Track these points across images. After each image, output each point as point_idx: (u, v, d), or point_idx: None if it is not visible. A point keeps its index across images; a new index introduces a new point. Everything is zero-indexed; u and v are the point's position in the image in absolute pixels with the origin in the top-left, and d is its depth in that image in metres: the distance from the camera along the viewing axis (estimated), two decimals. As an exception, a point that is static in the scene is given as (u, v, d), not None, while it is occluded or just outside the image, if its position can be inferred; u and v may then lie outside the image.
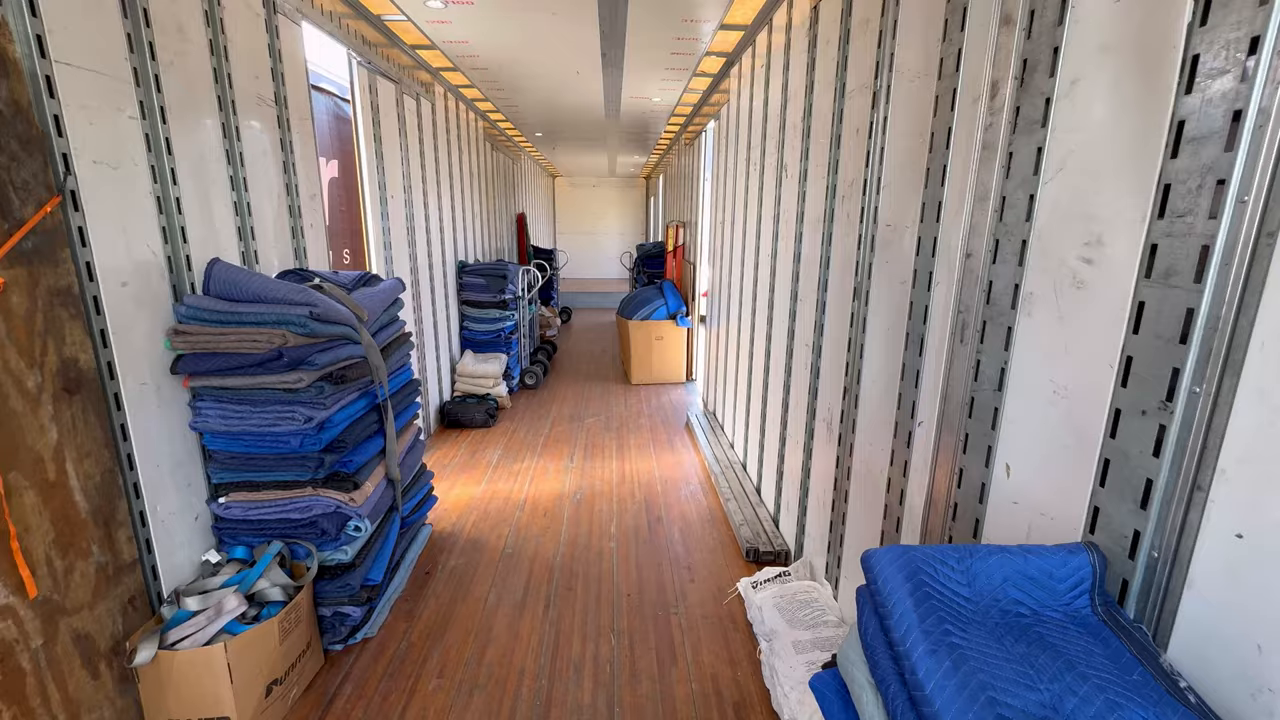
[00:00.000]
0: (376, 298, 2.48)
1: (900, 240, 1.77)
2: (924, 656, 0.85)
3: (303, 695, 2.02)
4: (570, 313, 10.33)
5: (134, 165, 1.76)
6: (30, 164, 1.42)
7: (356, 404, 2.27)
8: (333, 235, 3.87)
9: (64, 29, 1.53)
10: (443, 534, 3.11)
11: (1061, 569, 0.98)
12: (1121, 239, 1.01)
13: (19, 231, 1.38)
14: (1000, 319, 1.29)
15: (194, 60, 2.01)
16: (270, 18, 2.48)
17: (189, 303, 1.87)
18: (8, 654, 1.35)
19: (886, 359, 1.85)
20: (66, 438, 1.51)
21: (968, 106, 1.43)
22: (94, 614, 1.58)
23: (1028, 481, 1.22)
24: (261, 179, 2.39)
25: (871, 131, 1.95)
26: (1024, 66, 1.24)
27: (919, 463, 1.64)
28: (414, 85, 4.27)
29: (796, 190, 2.75)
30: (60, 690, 1.47)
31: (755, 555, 2.84)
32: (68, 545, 1.50)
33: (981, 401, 1.35)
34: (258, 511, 2.03)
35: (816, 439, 2.52)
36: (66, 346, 1.51)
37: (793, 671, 1.90)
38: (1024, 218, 1.23)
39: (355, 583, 2.18)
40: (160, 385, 1.85)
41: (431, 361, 4.59)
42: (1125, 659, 0.86)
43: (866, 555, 1.04)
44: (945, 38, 1.52)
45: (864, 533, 2.02)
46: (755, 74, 3.57)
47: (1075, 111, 1.11)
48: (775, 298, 3.14)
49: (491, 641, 2.30)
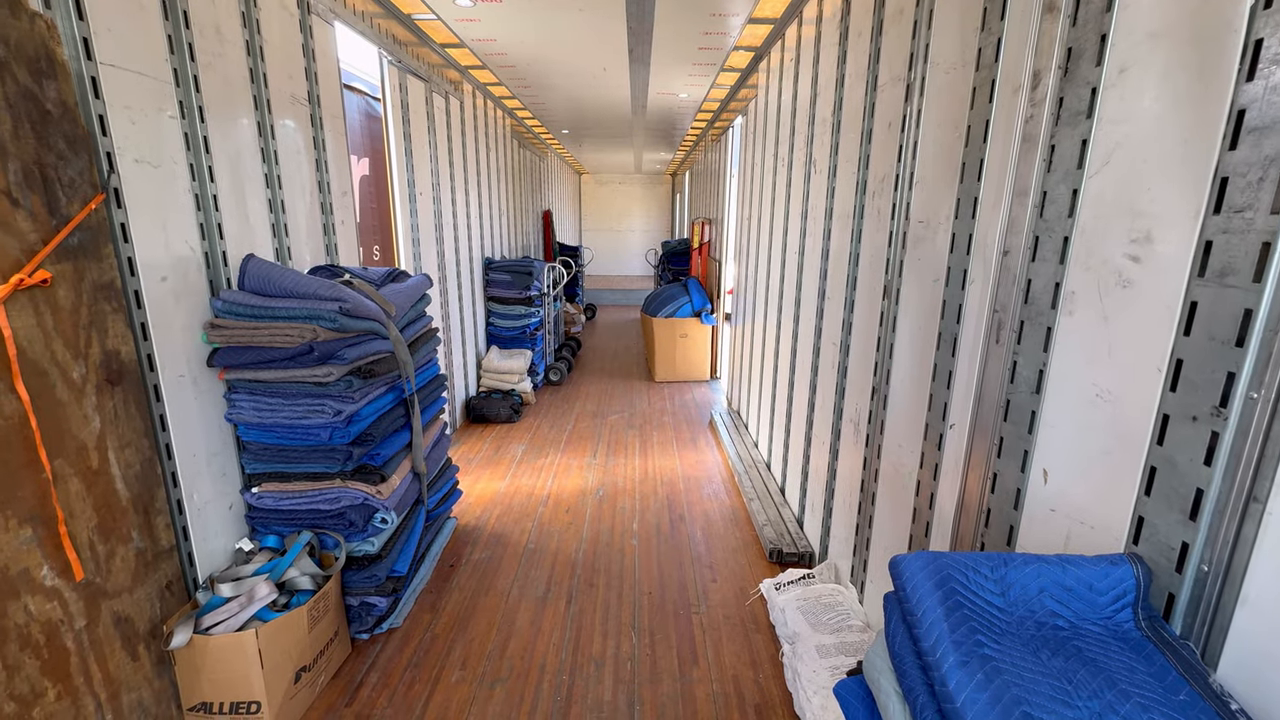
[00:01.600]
0: (404, 293, 2.51)
1: (933, 237, 1.72)
2: (955, 668, 0.82)
3: (330, 682, 2.06)
4: (595, 309, 10.36)
5: (174, 163, 1.81)
6: (76, 162, 1.47)
7: (384, 398, 2.30)
8: (363, 232, 3.94)
9: (108, 31, 1.58)
10: (467, 527, 3.14)
11: (1102, 580, 0.94)
12: (1172, 235, 0.96)
13: (66, 228, 1.43)
14: (1039, 319, 1.24)
15: (231, 60, 2.06)
16: (304, 18, 2.52)
17: (225, 297, 1.92)
18: (53, 634, 1.40)
19: (917, 359, 1.80)
20: (109, 427, 1.56)
21: (1007, 98, 1.37)
22: (133, 598, 1.63)
23: (1067, 488, 1.17)
24: (295, 176, 2.44)
25: (905, 125, 1.90)
26: (1068, 55, 1.18)
27: (950, 466, 1.59)
28: (443, 83, 4.32)
29: (825, 186, 2.69)
30: (101, 670, 1.53)
31: (779, 556, 2.81)
32: (109, 531, 1.56)
33: (1018, 404, 1.30)
34: (289, 502, 2.08)
35: (843, 440, 2.47)
36: (109, 339, 1.56)
37: (816, 676, 1.87)
38: (1066, 213, 1.18)
39: (381, 574, 2.22)
40: (197, 377, 1.90)
41: (458, 357, 4.65)
42: (1171, 677, 0.82)
43: (895, 561, 1.01)
44: (984, 27, 1.47)
45: (891, 537, 1.97)
46: (784, 68, 3.51)
47: (1123, 101, 1.06)
48: (802, 295, 3.09)
49: (514, 635, 2.32)
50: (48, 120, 1.40)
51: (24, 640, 1.33)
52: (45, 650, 1.38)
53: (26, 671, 1.34)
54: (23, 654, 1.33)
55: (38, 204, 1.38)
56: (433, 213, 4.13)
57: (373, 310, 2.17)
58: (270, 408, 1.99)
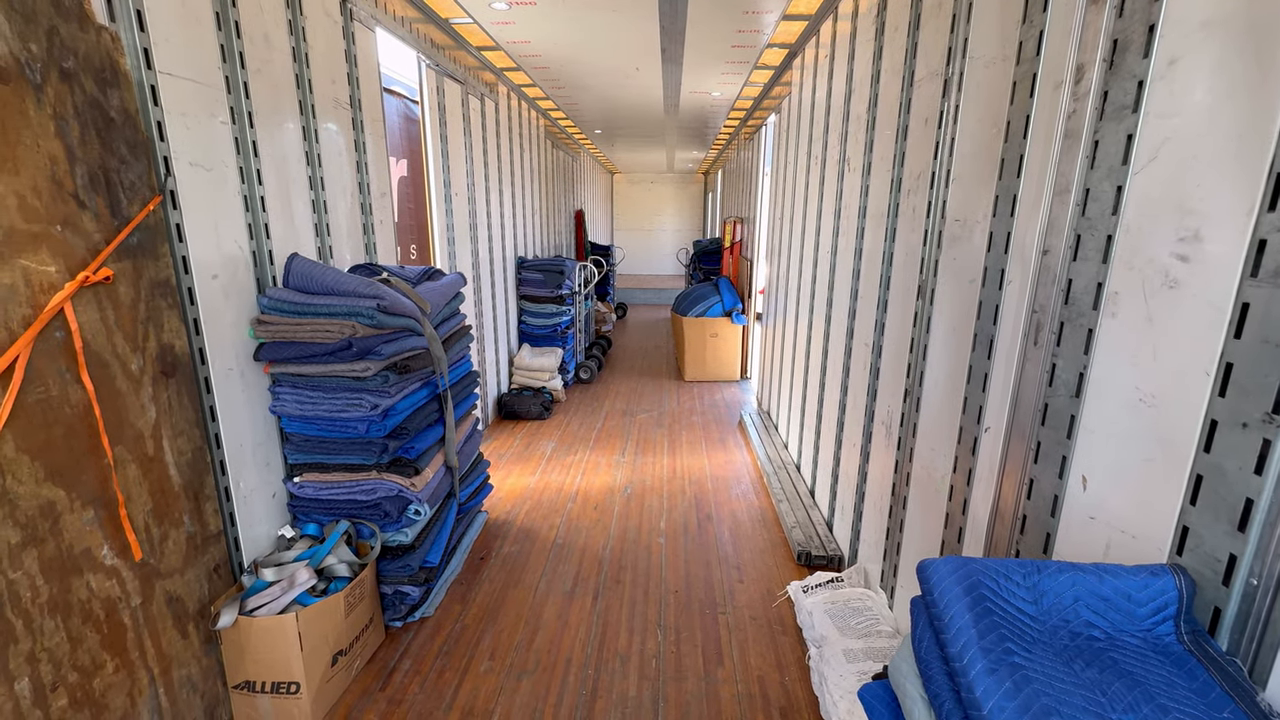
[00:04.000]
0: (439, 291, 2.57)
1: (970, 236, 1.67)
2: (982, 675, 0.81)
3: (365, 667, 2.13)
4: (626, 309, 10.40)
5: (225, 167, 1.90)
6: (136, 166, 1.56)
7: (419, 393, 2.37)
8: (400, 231, 4.05)
9: (166, 41, 1.66)
10: (497, 521, 3.20)
11: (1142, 592, 0.91)
12: (1223, 234, 0.92)
13: (126, 228, 1.52)
14: (1080, 320, 1.20)
15: (278, 67, 2.15)
16: (347, 24, 2.61)
17: (270, 294, 2.00)
18: (112, 610, 1.49)
19: (951, 361, 1.76)
20: (163, 416, 1.65)
21: (1049, 92, 1.33)
22: (184, 579, 1.72)
23: (1107, 495, 1.13)
24: (337, 178, 2.53)
25: (941, 121, 1.85)
26: (1114, 47, 1.14)
27: (984, 471, 1.55)
28: (479, 85, 4.40)
29: (859, 184, 2.65)
30: (155, 645, 1.62)
31: (807, 559, 2.78)
32: (163, 515, 1.65)
33: (1056, 408, 1.26)
34: (328, 491, 2.16)
35: (874, 442, 2.43)
36: (164, 333, 1.65)
37: (843, 680, 1.84)
38: (1110, 211, 1.13)
39: (414, 564, 2.28)
40: (244, 371, 1.99)
41: (490, 354, 4.73)
42: (1214, 694, 0.78)
43: (923, 565, 0.99)
44: (1025, 19, 1.43)
45: (923, 542, 1.93)
46: (819, 65, 3.46)
47: (1172, 95, 1.02)
48: (834, 295, 3.05)
49: (541, 628, 2.36)
50: (111, 127, 1.49)
51: (86, 615, 1.42)
52: (105, 625, 1.47)
53: (88, 644, 1.43)
54: (84, 627, 1.42)
55: (102, 205, 1.47)
56: (467, 213, 4.22)
57: (409, 308, 2.23)
58: (311, 401, 2.07)
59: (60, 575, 1.36)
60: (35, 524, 1.31)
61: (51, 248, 1.35)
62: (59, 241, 1.36)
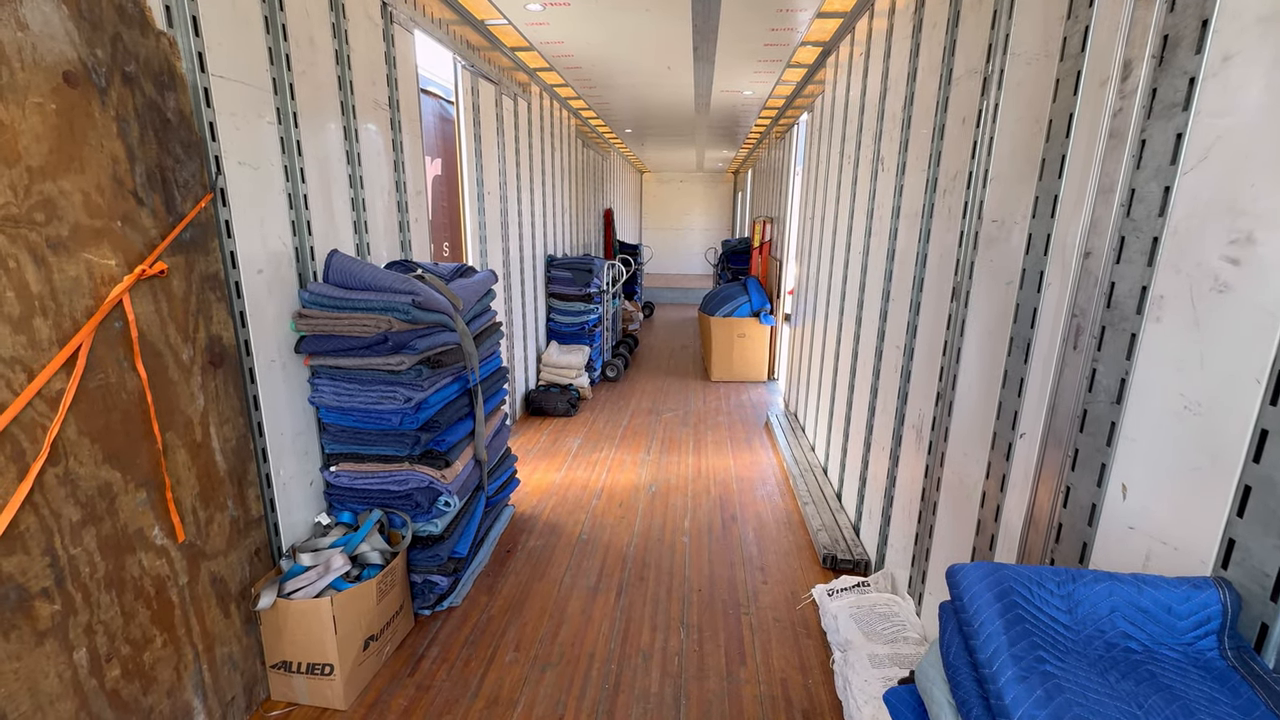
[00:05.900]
0: (471, 288, 2.62)
1: (1007, 237, 1.64)
2: (1013, 682, 0.80)
3: (395, 652, 2.19)
4: (653, 308, 10.41)
5: (271, 166, 1.97)
6: (190, 165, 1.63)
7: (450, 387, 2.42)
8: (434, 229, 4.14)
9: (219, 45, 1.74)
10: (524, 516, 3.25)
11: (1184, 604, 0.88)
12: (1277, 236, 0.88)
13: (180, 224, 1.59)
14: (1122, 325, 1.17)
15: (321, 69, 2.22)
16: (387, 27, 2.68)
17: (311, 289, 2.07)
18: (161, 588, 1.57)
19: (986, 365, 1.72)
20: (211, 405, 1.72)
21: (1094, 90, 1.30)
22: (227, 561, 1.80)
23: (1148, 505, 1.10)
24: (375, 177, 2.60)
25: (980, 120, 1.82)
26: (1164, 44, 1.11)
27: (1019, 477, 1.52)
28: (512, 86, 4.46)
29: (893, 184, 2.61)
30: (200, 623, 1.69)
31: (833, 562, 2.75)
32: (209, 499, 1.72)
33: (1096, 414, 1.23)
34: (362, 481, 2.22)
35: (904, 446, 2.39)
36: (213, 325, 1.73)
37: (868, 685, 1.82)
38: (1156, 212, 1.10)
39: (443, 554, 2.33)
40: (285, 363, 2.06)
41: (519, 351, 4.80)
42: (1259, 712, 0.76)
43: (952, 569, 0.98)
44: (1070, 15, 1.39)
45: (953, 548, 1.90)
46: (853, 63, 3.42)
47: (1226, 93, 0.98)
48: (865, 297, 3.01)
49: (565, 622, 2.39)
50: (168, 128, 1.56)
51: (138, 591, 1.50)
52: (154, 602, 1.55)
53: (139, 619, 1.50)
54: (136, 603, 1.49)
55: (158, 202, 1.54)
56: (499, 211, 4.28)
57: (442, 304, 2.28)
58: (348, 393, 2.13)
59: (115, 553, 1.44)
60: (94, 503, 1.39)
61: (112, 242, 1.42)
62: (119, 236, 1.44)
